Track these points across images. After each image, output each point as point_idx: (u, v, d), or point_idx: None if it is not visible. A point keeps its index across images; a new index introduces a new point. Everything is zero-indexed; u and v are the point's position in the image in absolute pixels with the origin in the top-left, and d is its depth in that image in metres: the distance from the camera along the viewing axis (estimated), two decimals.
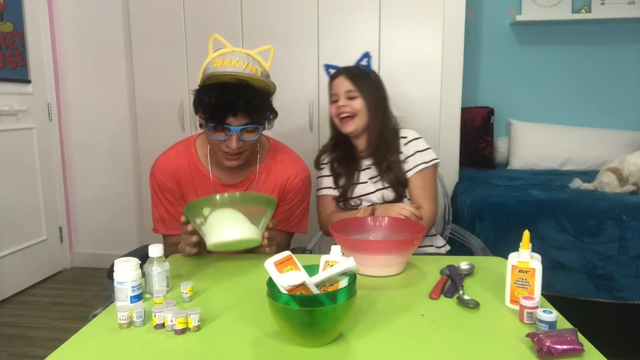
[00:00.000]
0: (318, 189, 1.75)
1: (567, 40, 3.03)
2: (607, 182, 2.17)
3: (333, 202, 1.73)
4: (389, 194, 1.65)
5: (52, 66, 3.13)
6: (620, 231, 1.93)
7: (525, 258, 0.99)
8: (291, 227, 1.55)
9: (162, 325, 0.94)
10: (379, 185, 1.66)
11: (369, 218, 1.40)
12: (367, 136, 1.66)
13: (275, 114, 1.41)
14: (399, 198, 1.65)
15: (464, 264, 1.23)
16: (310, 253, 1.71)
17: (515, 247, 1.02)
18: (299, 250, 1.64)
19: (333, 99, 1.65)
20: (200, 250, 1.33)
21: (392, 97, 1.72)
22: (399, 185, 1.64)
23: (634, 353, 2.00)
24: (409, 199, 1.67)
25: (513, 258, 1.01)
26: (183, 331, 0.92)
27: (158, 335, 0.92)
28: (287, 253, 0.94)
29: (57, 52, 3.17)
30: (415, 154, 1.65)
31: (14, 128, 2.85)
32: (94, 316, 1.16)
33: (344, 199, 1.70)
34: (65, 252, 3.31)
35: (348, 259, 0.91)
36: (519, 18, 2.92)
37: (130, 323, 0.95)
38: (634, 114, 3.04)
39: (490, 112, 2.98)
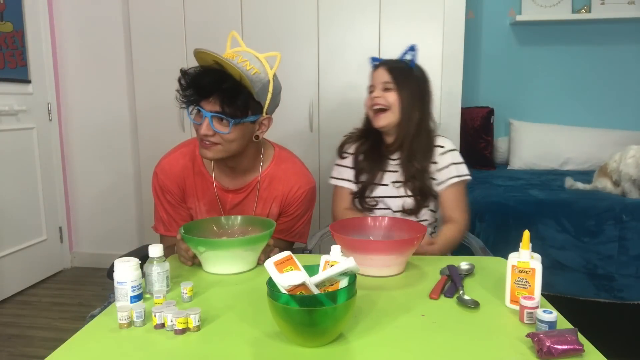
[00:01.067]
0: (335, 178, 1.68)
1: (567, 40, 3.03)
2: (602, 187, 2.17)
3: (350, 197, 1.67)
4: (410, 202, 1.59)
5: (52, 66, 3.12)
6: (620, 231, 1.93)
7: (525, 258, 0.98)
8: (293, 237, 1.55)
9: (162, 325, 0.94)
10: (402, 191, 1.60)
11: (369, 218, 1.40)
12: (396, 133, 1.59)
13: (255, 117, 1.33)
14: (418, 208, 1.60)
15: (464, 264, 1.23)
16: (310, 253, 1.71)
17: (515, 247, 1.01)
18: (299, 250, 1.64)
19: (369, 90, 1.60)
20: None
21: None
22: (422, 195, 1.58)
23: (634, 353, 2.00)
24: (431, 210, 1.63)
25: (513, 258, 1.00)
26: (183, 331, 0.92)
27: (158, 335, 0.92)
28: (287, 253, 0.94)
29: (57, 52, 3.17)
30: (450, 165, 1.59)
31: (14, 128, 2.85)
32: (92, 316, 1.16)
33: (361, 197, 1.64)
34: (65, 252, 3.31)
35: (348, 259, 0.91)
36: (519, 18, 2.92)
37: (130, 323, 0.95)
38: (634, 114, 3.05)
39: (490, 112, 2.98)
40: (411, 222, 1.38)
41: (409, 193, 1.59)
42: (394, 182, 1.62)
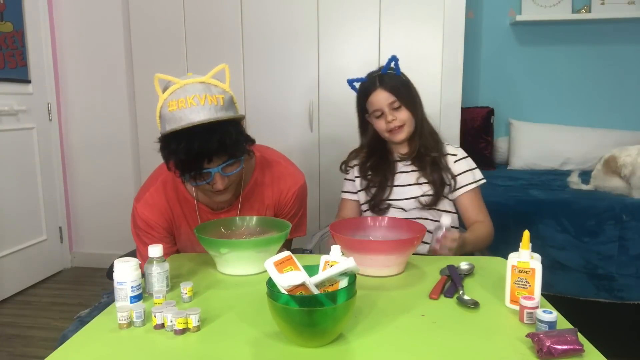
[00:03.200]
0: (343, 192, 1.72)
1: (567, 40, 3.03)
2: (613, 188, 2.13)
3: (354, 208, 1.68)
4: (425, 199, 1.60)
5: (52, 66, 3.13)
6: (620, 231, 1.93)
7: (525, 258, 0.98)
8: (291, 233, 1.53)
9: (162, 326, 0.94)
10: (415, 192, 1.61)
11: (369, 218, 1.40)
12: (410, 140, 1.64)
13: (251, 141, 1.29)
14: (435, 201, 1.59)
15: (464, 264, 1.23)
16: (310, 253, 1.71)
17: (515, 247, 1.01)
18: (299, 251, 1.64)
19: (376, 114, 1.59)
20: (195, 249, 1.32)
21: None
22: (440, 185, 1.59)
23: (634, 353, 2.00)
24: (453, 212, 1.63)
25: (513, 258, 1.00)
26: (183, 331, 0.92)
27: (158, 335, 0.92)
28: (287, 253, 0.94)
29: (57, 52, 3.17)
30: (466, 172, 1.63)
31: (14, 128, 2.85)
32: (79, 317, 1.16)
33: (375, 204, 1.64)
34: (65, 252, 3.31)
35: (348, 259, 0.91)
36: (519, 18, 2.92)
37: (130, 323, 0.95)
38: (634, 114, 3.04)
39: (490, 112, 2.98)
40: (411, 222, 1.38)
41: (425, 188, 1.60)
42: (406, 185, 1.62)
